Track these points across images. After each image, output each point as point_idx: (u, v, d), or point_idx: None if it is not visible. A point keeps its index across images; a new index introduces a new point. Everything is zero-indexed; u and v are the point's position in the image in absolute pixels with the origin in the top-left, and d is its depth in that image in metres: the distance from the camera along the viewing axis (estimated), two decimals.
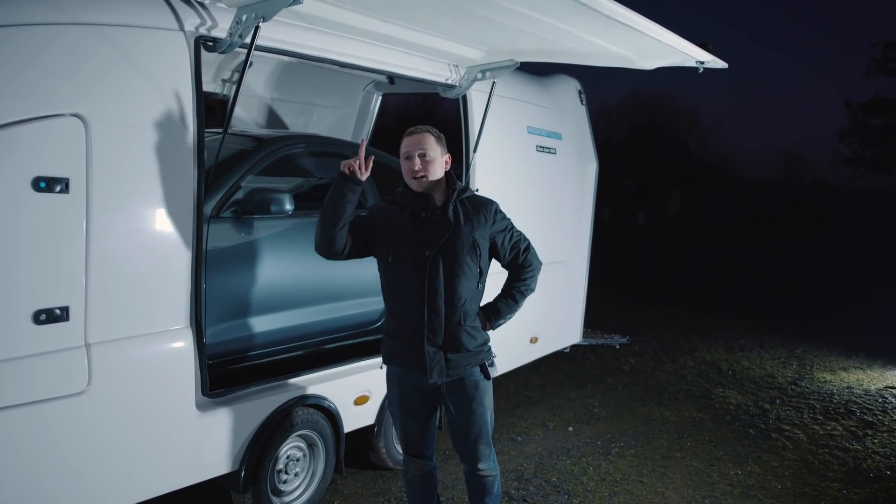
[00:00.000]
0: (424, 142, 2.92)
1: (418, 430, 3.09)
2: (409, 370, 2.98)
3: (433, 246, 2.88)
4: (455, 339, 2.91)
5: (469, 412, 2.99)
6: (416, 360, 2.92)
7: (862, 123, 35.23)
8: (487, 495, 3.14)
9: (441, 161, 2.96)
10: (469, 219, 2.94)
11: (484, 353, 3.02)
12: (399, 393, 3.05)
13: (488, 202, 3.05)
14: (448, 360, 2.91)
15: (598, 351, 7.62)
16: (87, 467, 2.69)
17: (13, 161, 2.42)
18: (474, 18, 3.38)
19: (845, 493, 4.30)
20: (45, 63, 2.54)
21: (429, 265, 2.87)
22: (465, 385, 2.97)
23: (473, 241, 2.92)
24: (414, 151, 2.92)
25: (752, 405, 5.98)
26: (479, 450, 3.04)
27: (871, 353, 7.95)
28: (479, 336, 3.00)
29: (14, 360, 2.46)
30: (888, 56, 33.86)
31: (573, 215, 5.86)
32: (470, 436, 3.02)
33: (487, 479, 3.11)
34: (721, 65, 3.83)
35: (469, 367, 2.96)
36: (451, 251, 2.89)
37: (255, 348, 3.68)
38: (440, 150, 2.96)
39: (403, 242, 2.93)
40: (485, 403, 3.02)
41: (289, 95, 5.77)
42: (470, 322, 2.95)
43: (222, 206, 3.50)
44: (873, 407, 6.00)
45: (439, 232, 2.90)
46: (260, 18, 2.90)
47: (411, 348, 2.92)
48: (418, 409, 3.05)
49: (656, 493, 4.19)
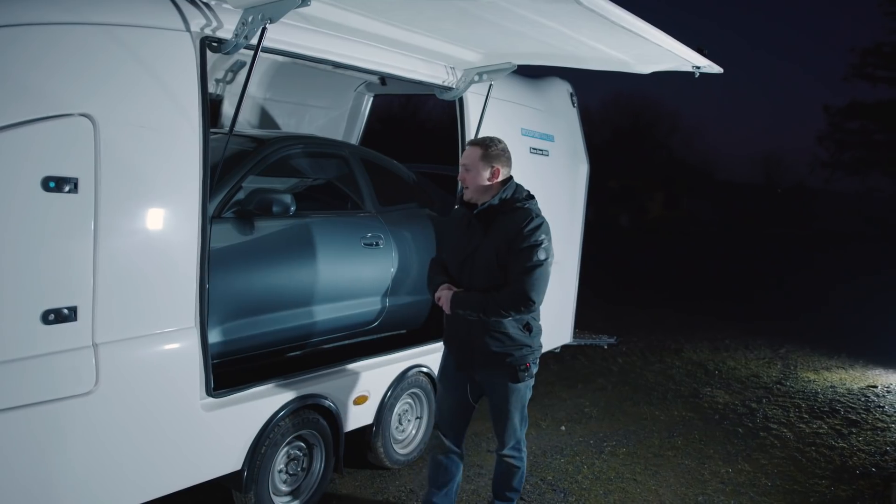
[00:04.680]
0: (470, 154, 3.21)
1: (450, 406, 3.45)
2: (449, 352, 3.43)
3: (466, 251, 3.21)
4: (481, 340, 3.19)
5: (497, 408, 3.34)
6: (452, 348, 3.37)
7: (839, 127, 35.83)
8: (506, 483, 3.46)
9: (484, 172, 3.16)
10: (502, 229, 3.11)
11: (515, 358, 3.19)
12: (443, 366, 3.49)
13: (527, 215, 3.12)
14: (475, 358, 3.24)
15: (586, 351, 7.68)
16: (93, 468, 2.69)
17: (23, 161, 2.42)
18: (477, 21, 3.41)
19: (833, 490, 4.40)
20: (54, 63, 2.53)
21: (460, 268, 3.24)
22: (495, 386, 3.30)
23: (495, 251, 3.10)
24: (461, 162, 3.26)
25: (740, 404, 6.08)
26: (505, 438, 3.38)
27: (853, 353, 8.12)
28: (509, 341, 3.16)
29: (23, 361, 2.45)
30: (866, 62, 34.45)
31: (565, 217, 5.91)
32: (499, 423, 3.37)
33: (511, 468, 3.43)
34: (717, 70, 3.90)
35: (496, 369, 3.22)
36: (479, 257, 3.16)
37: (254, 348, 3.68)
38: (485, 162, 3.16)
39: (453, 244, 3.34)
40: (511, 402, 3.29)
41: (281, 96, 5.76)
42: (496, 327, 3.14)
43: (224, 206, 3.51)
44: (857, 406, 6.13)
45: (474, 239, 3.20)
46: (267, 20, 2.91)
47: (454, 339, 3.34)
48: (452, 386, 3.42)
49: (650, 491, 4.25)
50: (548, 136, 5.61)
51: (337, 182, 4.43)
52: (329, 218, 4.10)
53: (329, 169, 4.43)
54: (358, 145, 5.80)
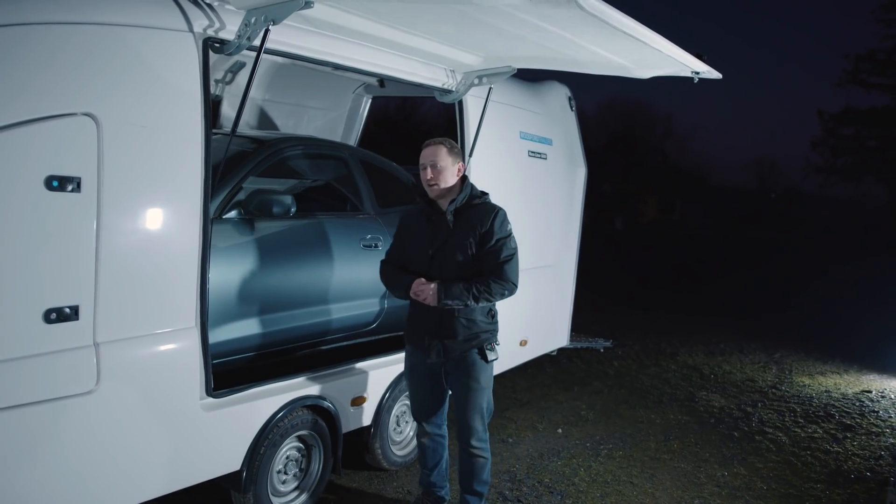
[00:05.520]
0: (437, 153, 3.33)
1: (424, 398, 3.60)
2: (417, 350, 3.51)
3: (434, 246, 3.34)
4: (450, 328, 3.35)
5: (466, 388, 3.41)
6: (421, 343, 3.43)
7: (833, 133, 36.04)
8: (476, 477, 3.50)
9: (452, 170, 3.35)
10: (467, 223, 3.31)
11: (480, 339, 3.39)
12: (410, 364, 3.61)
13: (492, 210, 3.35)
14: (444, 345, 3.37)
15: (582, 354, 7.71)
16: (92, 467, 2.69)
17: (27, 160, 2.42)
18: (478, 25, 3.42)
19: (828, 494, 4.42)
20: (58, 62, 2.53)
21: (429, 262, 3.35)
22: (464, 364, 3.40)
23: (467, 244, 3.29)
24: (427, 162, 3.33)
25: (735, 408, 6.10)
26: (472, 426, 3.44)
27: (847, 357, 8.15)
28: (475, 326, 3.37)
29: (24, 359, 2.45)
30: (860, 68, 34.69)
31: (562, 220, 5.94)
32: (466, 411, 3.43)
33: (478, 460, 3.49)
34: (715, 75, 3.92)
35: (465, 350, 3.37)
36: (448, 251, 3.32)
37: (253, 349, 3.68)
38: (451, 159, 3.35)
39: (415, 241, 3.44)
40: (480, 381, 3.42)
41: (279, 97, 5.77)
42: (465, 314, 3.34)
43: (224, 206, 3.51)
44: (851, 410, 6.15)
45: (441, 234, 3.34)
46: (270, 21, 2.92)
47: (419, 333, 3.43)
48: (423, 379, 3.55)
49: (646, 494, 4.27)
50: (546, 139, 5.63)
51: (336, 183, 4.43)
52: (329, 219, 4.10)
53: (328, 170, 4.43)
54: (357, 147, 5.81)
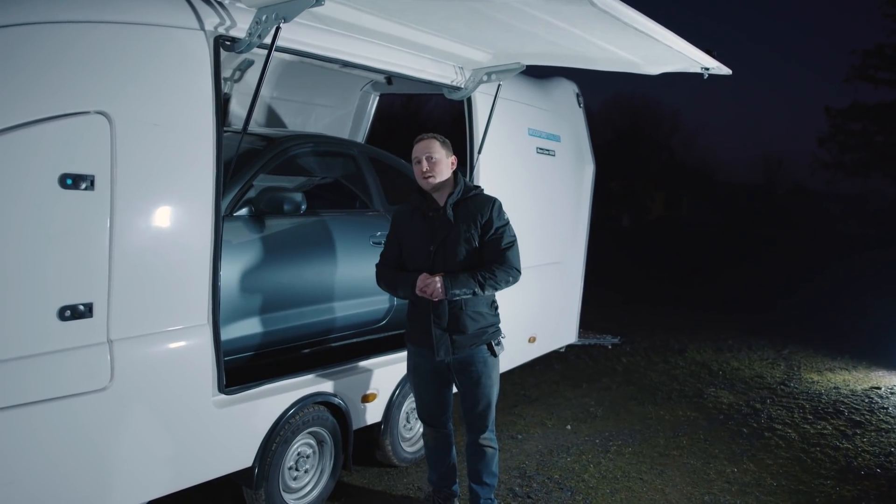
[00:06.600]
0: (431, 146, 3.34)
1: (429, 399, 3.56)
2: (421, 348, 3.44)
3: (435, 241, 3.33)
4: (458, 322, 3.33)
5: (477, 385, 3.41)
6: (427, 340, 3.37)
7: (841, 129, 35.87)
8: (486, 469, 3.53)
9: (447, 162, 3.37)
10: (467, 216, 3.33)
11: (489, 334, 3.40)
12: (414, 364, 3.55)
13: (488, 200, 3.39)
14: (453, 341, 3.34)
15: (590, 351, 7.71)
16: (106, 463, 2.70)
17: (41, 158, 2.43)
18: (488, 22, 3.42)
19: (838, 490, 4.41)
20: (71, 61, 2.55)
21: (432, 258, 3.32)
22: (473, 361, 3.38)
23: (469, 236, 3.31)
24: (422, 155, 3.34)
25: (744, 405, 6.09)
26: (485, 421, 3.48)
27: (856, 354, 8.12)
28: (483, 319, 3.38)
29: (39, 356, 2.46)
30: (867, 63, 34.50)
31: (570, 217, 5.93)
32: (478, 407, 3.45)
33: (488, 451, 3.52)
34: (725, 71, 3.91)
35: (474, 346, 3.36)
36: (450, 245, 3.32)
37: (265, 346, 3.70)
38: (445, 152, 3.37)
39: (413, 239, 3.41)
40: (492, 377, 3.44)
41: (287, 94, 5.78)
42: (472, 307, 3.34)
43: (235, 204, 3.52)
44: (860, 407, 6.14)
45: (441, 229, 3.33)
46: (281, 19, 2.93)
47: (424, 330, 3.38)
48: (430, 380, 3.51)
49: (656, 491, 4.27)
50: (554, 136, 5.63)
51: (346, 181, 4.44)
52: (339, 217, 4.12)
53: (338, 168, 4.44)
54: (365, 144, 5.81)
